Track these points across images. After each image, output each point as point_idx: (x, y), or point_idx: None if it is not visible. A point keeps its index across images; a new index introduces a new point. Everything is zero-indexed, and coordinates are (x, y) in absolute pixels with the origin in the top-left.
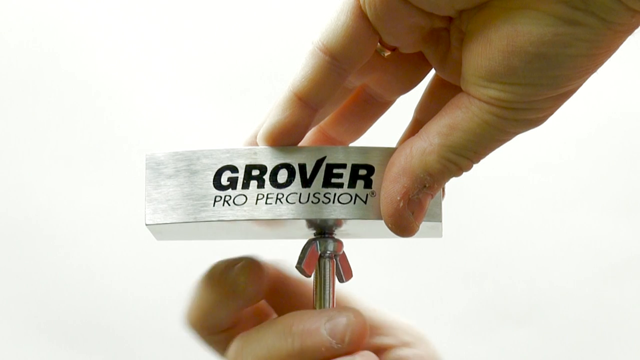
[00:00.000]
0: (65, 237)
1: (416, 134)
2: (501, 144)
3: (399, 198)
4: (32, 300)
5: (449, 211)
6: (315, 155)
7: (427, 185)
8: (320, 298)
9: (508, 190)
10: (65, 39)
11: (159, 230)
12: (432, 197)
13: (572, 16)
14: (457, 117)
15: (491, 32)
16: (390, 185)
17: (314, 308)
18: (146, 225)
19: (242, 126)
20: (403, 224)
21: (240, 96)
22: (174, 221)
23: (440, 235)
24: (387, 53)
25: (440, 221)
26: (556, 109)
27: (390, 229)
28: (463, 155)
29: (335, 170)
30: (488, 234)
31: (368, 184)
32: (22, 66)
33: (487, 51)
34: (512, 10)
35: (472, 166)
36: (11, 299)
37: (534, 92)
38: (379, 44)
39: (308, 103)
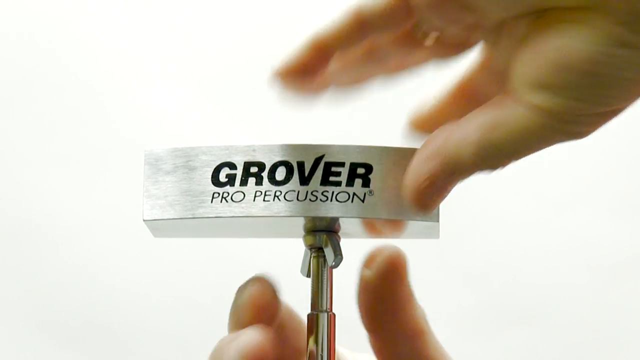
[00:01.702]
0: (65, 235)
1: (457, 122)
2: (536, 151)
3: (424, 178)
4: (32, 300)
5: (449, 211)
6: (314, 153)
7: (455, 174)
8: (317, 301)
9: (508, 190)
10: (64, 37)
11: (156, 226)
12: (454, 185)
13: (629, 39)
14: (501, 117)
15: (543, 43)
16: (420, 164)
17: (311, 310)
18: (144, 220)
19: (241, 123)
20: (422, 200)
21: (240, 94)
22: (172, 217)
23: (438, 236)
24: (428, 40)
25: (438, 221)
26: (602, 125)
27: (408, 201)
28: (498, 155)
29: (333, 169)
30: (488, 234)
31: (366, 183)
32: (21, 65)
33: (537, 60)
34: (567, 23)
35: (500, 168)
36: (11, 298)
37: (581, 107)
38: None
39: (323, 48)
